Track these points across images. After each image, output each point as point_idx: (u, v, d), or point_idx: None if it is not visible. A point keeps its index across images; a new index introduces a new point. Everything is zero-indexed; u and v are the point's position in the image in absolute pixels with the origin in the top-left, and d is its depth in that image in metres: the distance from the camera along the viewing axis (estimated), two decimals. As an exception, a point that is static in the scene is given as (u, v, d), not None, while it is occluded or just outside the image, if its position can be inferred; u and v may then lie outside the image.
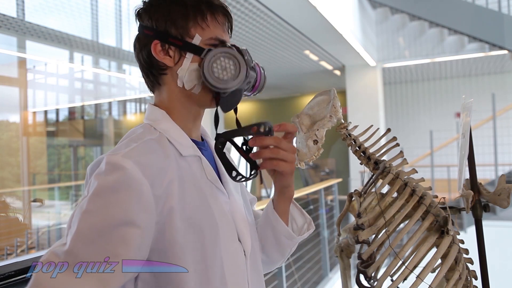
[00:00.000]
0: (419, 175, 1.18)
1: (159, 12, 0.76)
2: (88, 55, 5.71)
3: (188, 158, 0.76)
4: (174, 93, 0.78)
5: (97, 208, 0.64)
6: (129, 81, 6.54)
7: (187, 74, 0.75)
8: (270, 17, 5.10)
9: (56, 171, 6.51)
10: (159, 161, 0.70)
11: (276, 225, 0.86)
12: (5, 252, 3.18)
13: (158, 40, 0.75)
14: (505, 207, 1.08)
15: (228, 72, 0.73)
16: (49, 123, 6.40)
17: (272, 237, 0.88)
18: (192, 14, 0.75)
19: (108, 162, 0.66)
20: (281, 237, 0.87)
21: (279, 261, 0.95)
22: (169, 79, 0.78)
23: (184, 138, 0.77)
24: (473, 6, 7.05)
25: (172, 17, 0.75)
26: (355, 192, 1.17)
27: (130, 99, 7.18)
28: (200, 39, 0.75)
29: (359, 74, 7.80)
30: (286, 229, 0.87)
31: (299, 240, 0.90)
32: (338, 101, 1.14)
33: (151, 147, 0.71)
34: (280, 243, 0.89)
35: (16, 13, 4.18)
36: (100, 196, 0.64)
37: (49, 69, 5.95)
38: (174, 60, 0.76)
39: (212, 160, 0.84)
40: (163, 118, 0.78)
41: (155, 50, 0.76)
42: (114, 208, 0.64)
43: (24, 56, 5.08)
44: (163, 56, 0.76)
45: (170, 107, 0.79)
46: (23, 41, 4.78)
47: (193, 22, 0.76)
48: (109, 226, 0.63)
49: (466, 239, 1.09)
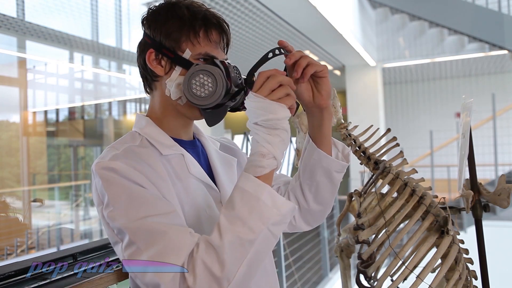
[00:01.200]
0: (419, 175, 1.18)
1: (157, 23, 0.80)
2: (88, 55, 5.71)
3: (169, 156, 0.80)
4: (163, 100, 0.83)
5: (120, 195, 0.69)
6: (129, 81, 6.54)
7: (173, 86, 0.79)
8: (270, 17, 5.10)
9: (56, 171, 6.51)
10: (144, 159, 0.74)
11: (325, 163, 0.87)
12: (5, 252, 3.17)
13: (153, 49, 0.80)
14: (505, 207, 1.08)
15: (206, 89, 0.75)
16: (49, 123, 6.40)
17: (324, 177, 0.88)
18: (185, 29, 0.79)
19: (99, 168, 0.71)
20: (333, 173, 0.88)
21: (331, 202, 0.94)
22: (159, 87, 0.82)
23: (165, 139, 0.81)
24: (473, 6, 7.05)
25: (167, 29, 0.79)
26: (355, 192, 1.17)
27: (130, 99, 7.18)
28: (190, 54, 0.78)
29: (359, 74, 7.80)
30: (337, 163, 0.87)
31: (347, 166, 0.90)
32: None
33: (133, 151, 0.76)
34: (332, 179, 0.89)
35: (16, 13, 4.18)
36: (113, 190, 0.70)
37: (49, 69, 5.95)
38: (165, 70, 0.80)
39: (203, 157, 0.88)
40: (147, 124, 0.83)
41: (149, 58, 0.80)
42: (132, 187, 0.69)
43: (24, 56, 5.08)
44: (155, 65, 0.80)
45: (159, 113, 0.84)
46: (23, 41, 4.78)
47: (186, 37, 0.79)
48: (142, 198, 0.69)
49: (466, 239, 1.09)
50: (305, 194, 0.91)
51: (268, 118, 0.69)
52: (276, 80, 0.71)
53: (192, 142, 0.88)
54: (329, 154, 0.87)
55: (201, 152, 0.89)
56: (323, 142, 0.86)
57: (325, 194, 0.91)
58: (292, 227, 0.97)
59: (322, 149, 0.86)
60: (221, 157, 0.92)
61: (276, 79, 0.71)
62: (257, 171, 0.69)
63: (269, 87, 0.70)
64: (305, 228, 0.98)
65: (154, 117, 0.84)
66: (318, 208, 0.93)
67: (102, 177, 0.70)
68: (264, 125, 0.69)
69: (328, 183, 0.89)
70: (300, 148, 1.12)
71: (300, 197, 0.92)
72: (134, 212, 0.67)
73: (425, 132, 7.00)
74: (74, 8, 4.51)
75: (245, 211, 0.65)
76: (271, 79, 0.71)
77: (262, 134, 0.69)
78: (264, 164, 0.69)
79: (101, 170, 0.71)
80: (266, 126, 0.69)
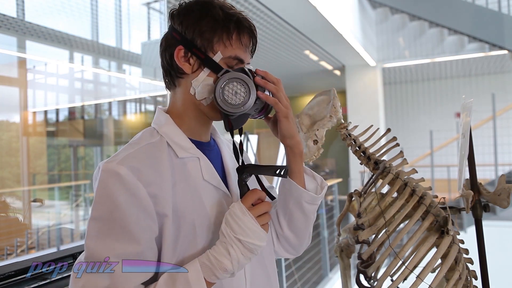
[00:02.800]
0: (419, 175, 1.18)
1: (190, 20, 0.79)
2: (88, 55, 5.71)
3: (185, 159, 0.79)
4: (186, 98, 0.82)
5: (101, 214, 0.70)
6: (129, 81, 6.54)
7: (200, 86, 0.79)
8: (270, 17, 5.10)
9: (56, 171, 6.51)
10: (153, 164, 0.74)
11: (295, 193, 0.87)
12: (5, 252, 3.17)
13: (183, 46, 0.79)
14: (505, 207, 1.08)
15: (239, 98, 0.76)
16: (49, 123, 6.40)
17: (295, 207, 0.88)
18: (219, 29, 0.78)
19: (104, 170, 0.71)
20: (303, 204, 0.88)
21: (304, 234, 0.94)
22: (184, 84, 0.81)
23: (183, 140, 0.81)
24: (473, 6, 7.05)
25: (201, 28, 0.78)
26: (355, 192, 1.17)
27: (130, 99, 7.18)
28: (221, 57, 0.78)
29: (359, 74, 7.80)
30: (306, 193, 0.87)
31: (320, 199, 0.90)
32: (338, 101, 1.14)
33: (145, 152, 0.75)
34: (303, 210, 0.89)
35: (16, 13, 4.18)
36: (101, 203, 0.70)
37: (49, 69, 5.95)
38: (192, 69, 0.79)
39: (217, 159, 0.88)
40: (166, 122, 0.82)
41: (178, 55, 0.79)
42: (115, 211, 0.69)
43: (24, 56, 5.08)
44: (183, 63, 0.79)
45: (181, 110, 0.83)
46: (23, 41, 4.77)
47: (219, 37, 0.78)
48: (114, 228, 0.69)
49: (466, 239, 1.09)
50: (279, 220, 0.92)
51: (254, 244, 0.72)
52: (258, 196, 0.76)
53: (209, 144, 0.88)
54: (302, 185, 0.87)
55: (216, 154, 0.89)
56: (294, 175, 0.87)
57: (298, 223, 0.91)
58: (275, 253, 0.97)
59: (294, 179, 0.87)
60: (233, 161, 0.91)
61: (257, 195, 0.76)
62: (211, 278, 0.71)
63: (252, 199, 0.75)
64: (285, 255, 0.98)
65: (174, 114, 0.83)
66: (293, 237, 0.93)
67: (100, 181, 0.71)
68: (246, 246, 0.71)
69: (300, 213, 0.89)
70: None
71: (276, 222, 0.93)
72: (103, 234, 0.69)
73: (425, 132, 7.00)
74: (74, 8, 4.51)
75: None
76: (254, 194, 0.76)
77: (238, 252, 0.71)
78: (220, 276, 0.71)
79: (104, 174, 0.71)
80: (247, 248, 0.72)
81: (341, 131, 1.21)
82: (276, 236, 0.94)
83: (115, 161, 0.71)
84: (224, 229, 0.72)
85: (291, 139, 0.84)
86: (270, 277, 0.89)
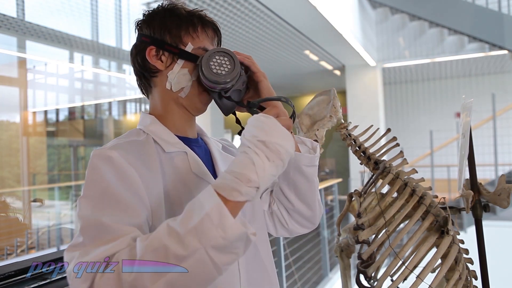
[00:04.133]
0: (419, 175, 1.18)
1: (156, 21, 0.84)
2: (88, 55, 5.71)
3: (172, 153, 0.81)
4: (164, 96, 0.85)
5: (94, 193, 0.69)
6: (129, 81, 6.54)
7: (176, 77, 0.82)
8: (270, 17, 5.10)
9: (56, 171, 6.51)
10: (141, 157, 0.76)
11: (293, 160, 0.86)
12: (5, 252, 3.18)
13: (154, 46, 0.83)
14: (505, 207, 1.08)
15: (225, 67, 0.79)
16: (49, 123, 6.40)
17: (296, 174, 0.88)
18: (185, 24, 0.83)
19: (94, 155, 0.73)
20: (302, 168, 0.87)
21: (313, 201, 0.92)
22: (159, 82, 0.85)
23: (170, 136, 0.83)
24: (473, 6, 7.05)
25: (167, 26, 0.83)
26: (355, 192, 1.17)
27: (130, 99, 7.18)
28: (192, 47, 0.83)
29: (359, 74, 7.80)
30: (303, 156, 0.87)
31: (316, 159, 0.89)
32: (338, 101, 1.14)
33: (133, 146, 0.77)
34: (305, 174, 0.88)
35: (16, 13, 4.18)
36: (94, 183, 0.70)
37: (49, 69, 5.95)
38: (165, 65, 0.83)
39: (206, 156, 0.89)
40: (152, 122, 0.85)
41: (149, 54, 0.83)
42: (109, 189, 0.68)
43: (24, 56, 5.08)
44: (156, 60, 0.83)
45: (162, 110, 0.86)
46: (23, 41, 4.78)
47: (185, 31, 0.83)
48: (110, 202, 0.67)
49: (466, 239, 1.09)
50: (286, 194, 0.91)
51: (280, 144, 0.61)
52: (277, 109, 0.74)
53: (196, 140, 0.90)
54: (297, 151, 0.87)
55: (205, 150, 0.90)
56: None
57: (304, 191, 0.90)
58: (286, 230, 0.97)
59: None
60: (224, 157, 0.93)
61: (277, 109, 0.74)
62: (232, 195, 0.59)
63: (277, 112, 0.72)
64: (300, 231, 0.97)
65: (157, 114, 0.86)
66: (304, 208, 0.92)
67: (91, 165, 0.71)
68: (271, 148, 0.61)
69: (302, 179, 0.89)
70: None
71: (283, 199, 0.92)
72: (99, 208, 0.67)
73: (425, 132, 7.00)
74: (74, 8, 4.51)
75: (185, 223, 0.57)
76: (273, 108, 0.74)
77: (263, 157, 0.60)
78: (243, 190, 0.59)
79: (95, 158, 0.72)
80: (272, 150, 0.61)
81: (341, 131, 1.21)
82: (288, 213, 0.94)
83: (106, 148, 0.73)
84: (244, 136, 0.64)
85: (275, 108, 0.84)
86: (268, 271, 0.88)
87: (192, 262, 0.55)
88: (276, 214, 0.95)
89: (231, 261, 0.58)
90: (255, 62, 0.84)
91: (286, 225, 0.95)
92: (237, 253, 0.58)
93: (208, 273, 0.57)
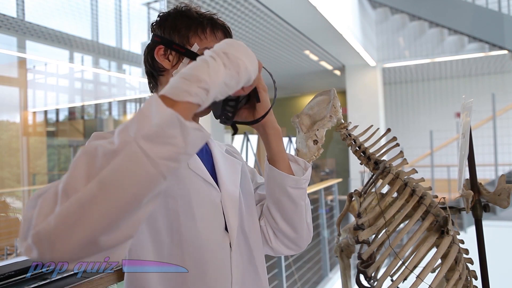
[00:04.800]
0: (419, 175, 1.18)
1: (167, 22, 0.87)
2: (88, 55, 5.71)
3: None
4: None
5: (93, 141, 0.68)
6: (129, 81, 6.54)
7: None
8: (270, 17, 5.10)
9: (56, 171, 6.52)
10: None
11: (278, 179, 0.85)
12: (5, 252, 3.18)
13: (163, 46, 0.85)
14: (505, 207, 1.08)
15: None
16: (49, 123, 6.41)
17: (281, 194, 0.86)
18: (194, 25, 0.85)
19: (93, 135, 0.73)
20: (288, 189, 0.86)
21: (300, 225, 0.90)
22: (165, 81, 0.86)
23: None
24: (473, 6, 7.05)
25: (177, 27, 0.85)
26: (355, 192, 1.17)
27: (130, 99, 7.18)
28: (198, 48, 0.83)
29: (359, 74, 7.81)
30: (288, 177, 0.85)
31: (304, 182, 0.87)
32: (338, 101, 1.14)
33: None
34: (290, 196, 0.86)
35: (16, 13, 4.18)
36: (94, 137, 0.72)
37: (49, 69, 5.95)
38: (171, 64, 0.85)
39: (207, 156, 0.89)
40: None
41: (157, 53, 0.85)
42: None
43: (24, 56, 5.09)
44: (163, 59, 0.85)
45: None
46: (23, 41, 4.78)
47: (194, 32, 0.85)
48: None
49: (466, 239, 1.09)
50: (272, 213, 0.90)
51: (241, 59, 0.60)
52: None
53: None
54: (286, 171, 0.86)
55: (205, 151, 0.90)
56: (276, 158, 0.86)
57: (289, 213, 0.88)
58: (270, 248, 0.94)
59: (276, 166, 0.86)
60: (226, 159, 0.91)
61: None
62: (180, 95, 0.54)
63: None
64: (287, 252, 0.95)
65: None
66: (289, 230, 0.90)
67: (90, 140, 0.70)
68: (231, 58, 0.59)
69: (288, 200, 0.87)
70: (300, 148, 1.12)
71: (269, 217, 0.91)
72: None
73: (425, 132, 7.01)
74: (74, 8, 4.51)
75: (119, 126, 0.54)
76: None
77: (219, 62, 0.58)
78: (193, 90, 0.54)
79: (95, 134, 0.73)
80: (231, 61, 0.59)
81: (341, 131, 1.21)
82: (273, 232, 0.92)
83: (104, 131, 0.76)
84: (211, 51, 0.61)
85: (271, 115, 0.84)
86: (259, 275, 0.88)
87: (123, 157, 0.50)
88: (262, 230, 0.93)
89: (169, 154, 0.51)
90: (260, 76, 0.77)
91: (270, 243, 0.93)
92: (175, 144, 0.52)
93: (143, 169, 0.50)
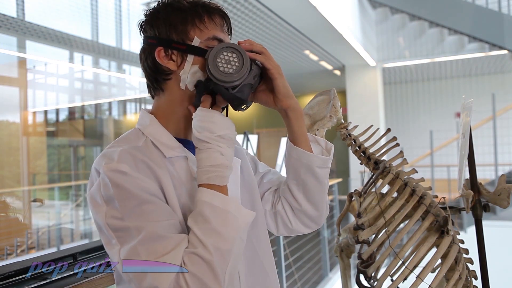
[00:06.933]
0: (419, 175, 1.18)
1: (160, 20, 0.80)
2: (88, 55, 5.71)
3: (172, 158, 0.79)
4: (175, 96, 0.81)
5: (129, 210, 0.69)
6: (129, 81, 6.54)
7: (189, 76, 0.78)
8: (270, 17, 5.10)
9: (56, 171, 6.52)
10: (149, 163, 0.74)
11: (305, 160, 0.85)
12: (5, 252, 3.18)
13: (162, 47, 0.79)
14: (505, 207, 1.08)
15: (233, 65, 0.74)
16: (49, 123, 6.41)
17: (307, 175, 0.87)
18: (190, 17, 0.79)
19: (107, 170, 0.70)
20: (315, 169, 0.86)
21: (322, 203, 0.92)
22: (172, 84, 0.81)
23: (169, 139, 0.80)
24: (473, 6, 7.05)
25: (172, 23, 0.79)
26: (355, 192, 1.17)
27: (130, 99, 7.18)
28: (199, 41, 0.78)
29: (359, 74, 7.80)
30: (316, 157, 0.86)
31: (330, 161, 0.89)
32: (338, 101, 1.14)
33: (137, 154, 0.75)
34: (316, 176, 0.87)
35: (16, 13, 4.18)
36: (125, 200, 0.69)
37: (49, 69, 5.95)
38: (177, 64, 0.79)
39: None
40: (151, 122, 0.82)
41: (159, 56, 0.79)
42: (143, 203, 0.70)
43: (24, 56, 5.09)
44: (167, 61, 0.79)
45: (168, 110, 0.82)
46: (23, 41, 4.78)
47: (192, 24, 0.79)
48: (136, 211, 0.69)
49: (466, 239, 1.09)
50: (294, 194, 0.90)
51: (229, 135, 0.75)
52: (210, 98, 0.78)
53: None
54: (309, 151, 0.86)
55: None
56: (299, 140, 0.86)
57: (314, 192, 0.90)
58: (289, 230, 0.95)
59: (300, 147, 0.86)
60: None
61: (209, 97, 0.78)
62: (223, 181, 0.73)
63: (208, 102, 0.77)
64: (304, 231, 0.96)
65: (160, 114, 0.82)
66: (311, 209, 0.91)
67: (111, 179, 0.69)
68: (226, 139, 0.75)
69: (314, 180, 0.88)
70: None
71: (291, 198, 0.91)
72: (142, 215, 0.69)
73: (425, 132, 7.00)
74: (74, 8, 4.51)
75: (219, 224, 0.69)
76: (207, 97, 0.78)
77: (225, 147, 0.74)
78: (227, 174, 0.74)
79: (110, 172, 0.70)
80: (228, 140, 0.75)
81: (341, 131, 1.21)
82: (293, 213, 0.93)
83: (114, 162, 0.71)
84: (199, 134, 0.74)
85: (291, 99, 0.82)
86: (268, 274, 0.88)
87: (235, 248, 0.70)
88: (280, 214, 0.94)
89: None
90: (269, 55, 0.79)
91: (290, 224, 0.94)
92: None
93: (242, 248, 0.72)
